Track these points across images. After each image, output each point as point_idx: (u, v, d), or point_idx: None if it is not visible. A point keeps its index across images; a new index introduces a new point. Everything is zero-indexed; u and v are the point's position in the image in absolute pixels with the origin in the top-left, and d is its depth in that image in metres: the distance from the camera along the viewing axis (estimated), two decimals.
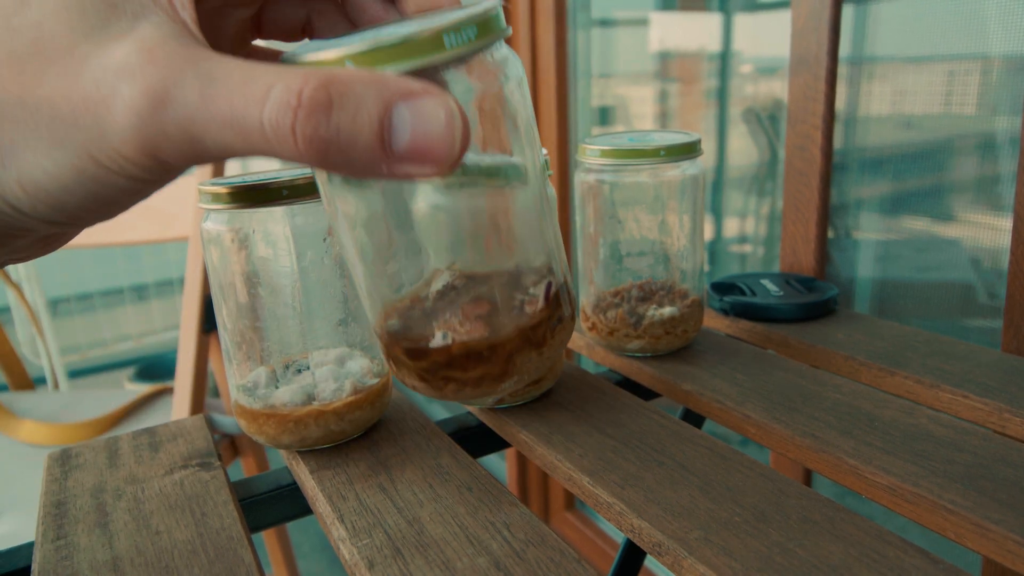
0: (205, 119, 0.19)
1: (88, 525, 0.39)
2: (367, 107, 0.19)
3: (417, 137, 0.19)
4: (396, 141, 0.19)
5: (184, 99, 0.19)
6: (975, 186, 0.73)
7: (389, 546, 0.35)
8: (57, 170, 0.20)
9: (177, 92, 0.19)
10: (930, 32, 0.73)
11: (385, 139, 0.19)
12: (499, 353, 0.28)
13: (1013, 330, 0.59)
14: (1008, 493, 0.37)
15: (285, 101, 0.18)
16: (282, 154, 0.19)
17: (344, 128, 0.19)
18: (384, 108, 0.19)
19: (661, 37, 1.20)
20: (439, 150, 0.19)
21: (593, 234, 0.56)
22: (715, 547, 0.34)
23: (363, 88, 0.19)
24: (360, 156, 0.19)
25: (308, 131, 0.18)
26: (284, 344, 0.43)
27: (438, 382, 0.28)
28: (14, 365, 1.38)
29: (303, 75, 0.19)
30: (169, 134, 0.19)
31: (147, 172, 0.20)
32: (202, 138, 0.19)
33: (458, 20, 0.22)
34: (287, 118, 0.18)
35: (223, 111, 0.19)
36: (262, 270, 0.41)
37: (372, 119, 0.19)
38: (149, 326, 2.07)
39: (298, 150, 0.19)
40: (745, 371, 0.53)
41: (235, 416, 0.45)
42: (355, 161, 0.19)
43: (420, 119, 0.19)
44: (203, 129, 0.19)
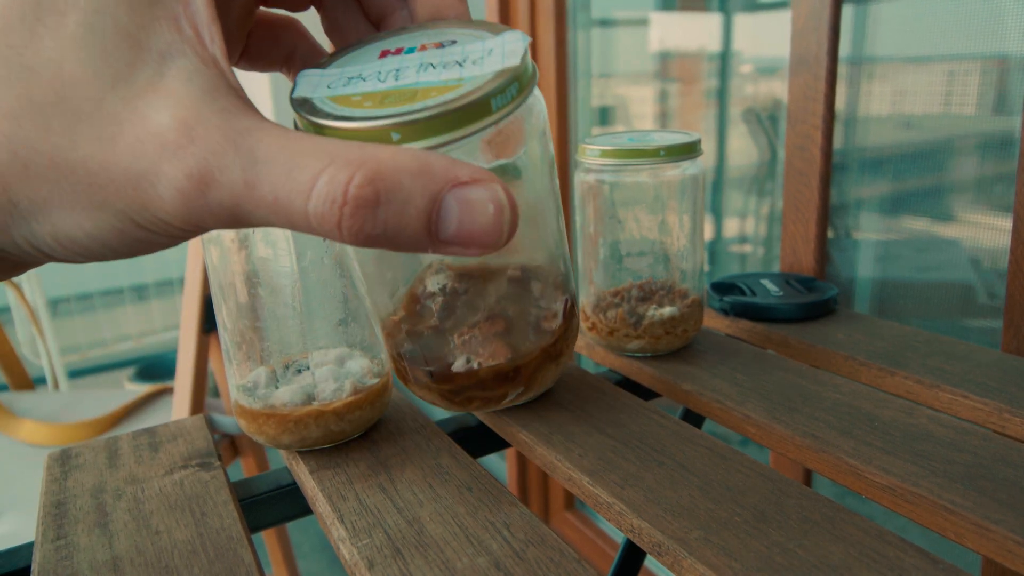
0: (250, 204, 0.19)
1: (88, 525, 0.39)
2: (414, 203, 0.18)
3: (463, 228, 0.19)
4: (443, 231, 0.19)
5: (229, 183, 0.18)
6: (975, 186, 0.73)
7: (389, 546, 0.35)
8: (97, 232, 0.19)
9: (221, 176, 0.18)
10: (930, 32, 0.73)
11: (432, 230, 0.19)
12: (523, 372, 0.28)
13: (1013, 330, 0.59)
14: (1008, 493, 0.37)
15: (331, 197, 0.18)
16: (327, 238, 0.19)
17: (391, 224, 0.18)
18: (432, 202, 0.18)
19: (661, 37, 1.20)
20: (487, 239, 0.19)
21: (593, 234, 0.56)
22: (715, 547, 0.34)
23: (410, 182, 0.18)
24: (405, 244, 0.19)
25: (355, 228, 0.18)
26: (284, 344, 0.43)
27: (462, 400, 0.29)
28: (14, 365, 1.38)
29: (349, 164, 0.18)
30: (214, 212, 0.19)
31: (189, 234, 0.20)
32: (247, 218, 0.19)
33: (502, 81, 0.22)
34: (333, 214, 0.18)
35: (267, 199, 0.18)
36: (262, 270, 0.41)
37: (420, 213, 0.18)
38: (149, 326, 2.07)
39: (342, 240, 0.19)
40: (745, 371, 0.53)
41: (235, 416, 0.45)
42: (401, 246, 0.19)
43: (468, 211, 0.19)
44: (248, 212, 0.19)
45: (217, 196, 0.18)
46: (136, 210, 0.19)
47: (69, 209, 0.19)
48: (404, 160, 0.18)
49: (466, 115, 0.21)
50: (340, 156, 0.18)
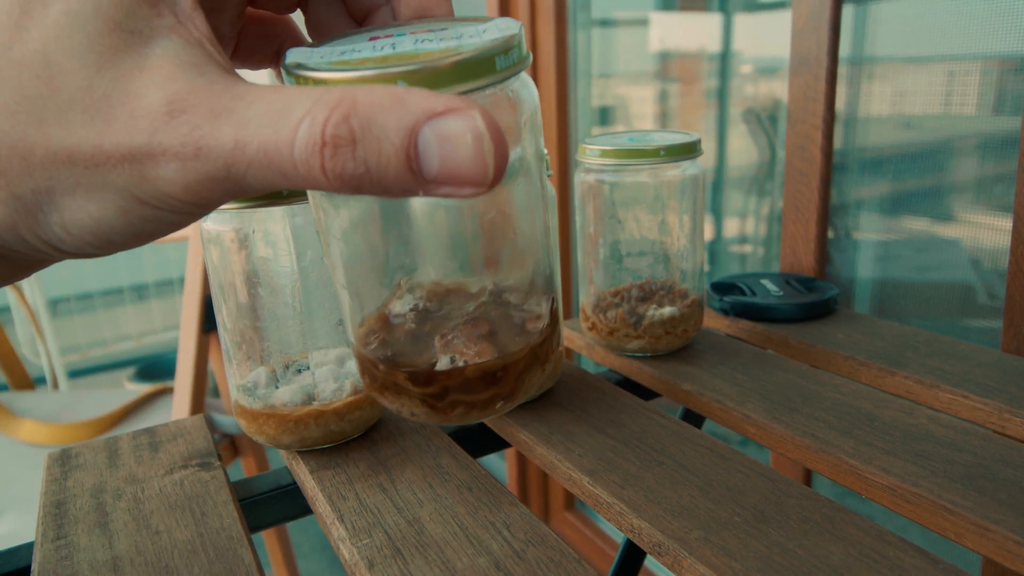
0: (243, 163, 0.18)
1: (88, 525, 0.39)
2: (390, 138, 0.18)
3: (446, 164, 0.18)
4: (426, 168, 0.18)
5: (220, 147, 0.18)
6: (975, 186, 0.73)
7: (389, 546, 0.35)
8: (102, 213, 0.19)
9: (213, 141, 0.18)
10: (930, 32, 0.73)
11: (415, 168, 0.18)
12: (511, 373, 0.27)
13: (1013, 330, 0.59)
14: (1008, 493, 0.37)
15: (312, 140, 0.18)
16: (318, 188, 0.19)
17: (371, 162, 0.18)
18: (408, 135, 0.18)
19: (661, 37, 1.20)
20: (472, 173, 0.18)
21: (593, 234, 0.56)
22: (715, 547, 0.34)
23: (383, 116, 0.18)
24: (394, 185, 0.18)
25: (337, 169, 0.18)
26: (284, 344, 0.43)
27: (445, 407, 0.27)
28: (14, 365, 1.38)
29: (328, 104, 0.18)
30: (212, 178, 0.19)
31: (193, 208, 0.20)
32: (243, 179, 0.19)
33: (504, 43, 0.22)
34: (315, 159, 0.18)
35: (258, 154, 0.18)
36: (262, 270, 0.41)
37: (397, 150, 0.18)
38: (149, 326, 2.07)
39: (332, 187, 0.18)
40: (745, 371, 0.53)
41: (235, 416, 0.45)
42: (391, 190, 0.19)
43: (447, 144, 0.18)
44: (243, 171, 0.19)
45: (212, 161, 0.18)
46: (137, 184, 0.19)
47: (72, 195, 0.19)
48: (378, 94, 0.18)
49: (472, 68, 0.21)
50: (322, 98, 0.18)
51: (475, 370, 0.26)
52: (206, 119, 0.18)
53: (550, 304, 0.28)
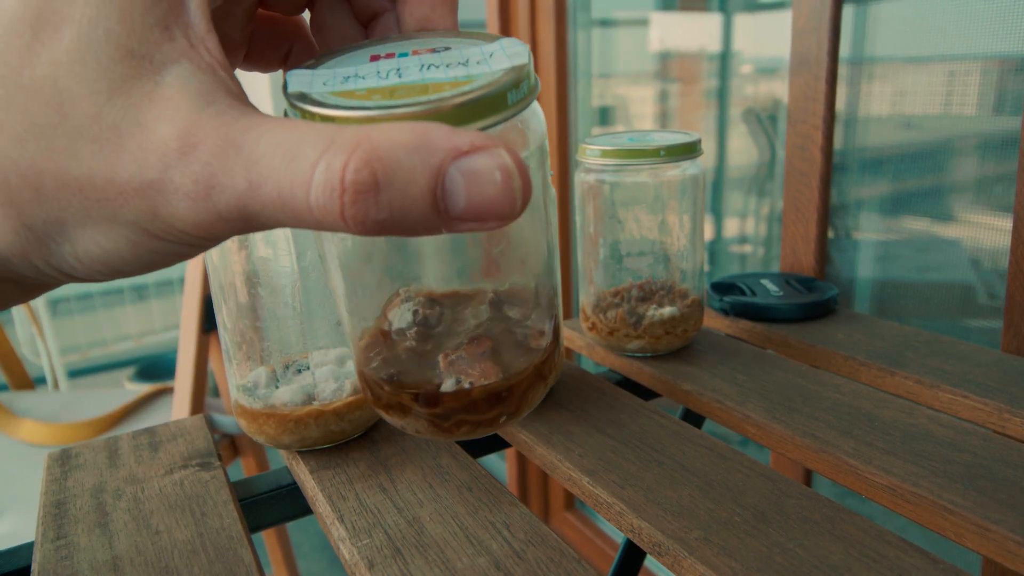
0: (256, 205, 0.18)
1: (88, 525, 0.39)
2: (416, 181, 0.17)
3: (473, 201, 0.18)
4: (452, 206, 0.18)
5: (233, 186, 0.18)
6: (975, 186, 0.73)
7: (389, 546, 0.35)
8: (113, 245, 0.19)
9: (225, 179, 0.18)
10: (930, 32, 0.73)
11: (440, 207, 0.18)
12: (515, 392, 0.27)
13: (1013, 330, 0.59)
14: (1008, 493, 0.37)
15: (330, 186, 0.17)
16: (337, 231, 0.18)
17: (396, 207, 0.17)
18: (435, 178, 0.17)
19: (661, 37, 1.20)
20: (499, 208, 0.18)
21: (593, 234, 0.56)
22: (715, 547, 0.34)
23: (408, 158, 0.17)
24: (417, 225, 0.18)
25: (359, 217, 0.17)
26: (284, 344, 0.43)
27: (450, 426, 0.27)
28: (14, 365, 1.38)
29: (345, 147, 0.17)
30: (223, 217, 0.18)
31: (204, 242, 0.20)
32: (256, 219, 0.19)
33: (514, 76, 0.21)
34: (334, 205, 0.17)
35: (272, 196, 0.18)
36: (262, 270, 0.41)
37: (424, 193, 0.17)
38: (149, 326, 2.07)
39: (351, 231, 0.18)
40: (745, 371, 0.53)
41: (235, 416, 0.45)
42: (412, 230, 0.18)
43: (474, 182, 0.18)
44: (256, 212, 0.18)
45: (224, 200, 0.18)
46: (147, 219, 0.19)
47: (83, 226, 0.19)
48: (400, 135, 0.18)
49: (483, 108, 0.20)
50: (337, 140, 0.18)
51: (481, 392, 0.26)
52: (216, 156, 0.18)
53: (552, 321, 0.28)
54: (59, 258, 0.20)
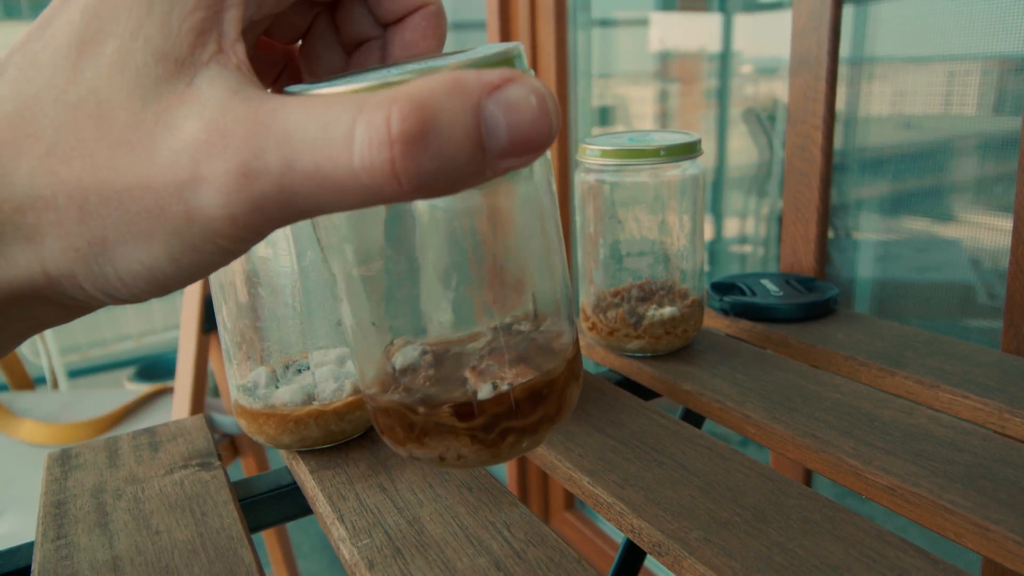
0: (294, 184, 0.17)
1: (88, 525, 0.39)
2: (461, 121, 0.17)
3: (514, 132, 0.17)
4: (495, 143, 0.17)
5: (268, 169, 0.17)
6: (975, 186, 0.73)
7: (389, 546, 0.35)
8: (153, 261, 0.19)
9: (258, 164, 0.17)
10: (930, 32, 0.73)
11: (484, 146, 0.17)
12: (555, 390, 0.26)
13: (1013, 330, 0.59)
14: (1008, 493, 0.37)
15: (376, 140, 0.17)
16: (382, 198, 0.17)
17: (446, 152, 0.17)
18: (477, 115, 0.17)
19: (661, 37, 1.20)
20: (540, 134, 0.18)
21: (593, 234, 0.56)
22: (715, 547, 0.34)
23: (449, 101, 0.17)
24: (465, 171, 0.17)
25: (412, 167, 0.17)
26: (284, 344, 0.43)
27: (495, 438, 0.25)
28: (14, 365, 1.38)
29: (381, 104, 0.17)
30: (260, 207, 0.18)
31: (242, 243, 0.19)
32: (294, 203, 0.18)
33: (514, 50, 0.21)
34: (383, 161, 0.17)
35: (310, 169, 0.17)
36: (262, 270, 0.41)
37: (469, 131, 0.17)
38: (149, 326, 2.07)
39: (402, 190, 0.17)
40: (745, 371, 0.53)
41: (235, 416, 0.45)
42: (462, 180, 0.18)
43: (513, 111, 0.17)
44: (294, 193, 0.18)
45: (260, 186, 0.18)
46: (184, 228, 0.18)
47: (124, 245, 0.19)
48: (435, 83, 0.17)
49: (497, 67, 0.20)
50: (369, 101, 0.17)
51: (522, 390, 0.25)
52: (246, 141, 0.18)
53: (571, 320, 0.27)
54: (103, 280, 0.19)
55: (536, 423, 0.26)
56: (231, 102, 0.18)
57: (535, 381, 0.25)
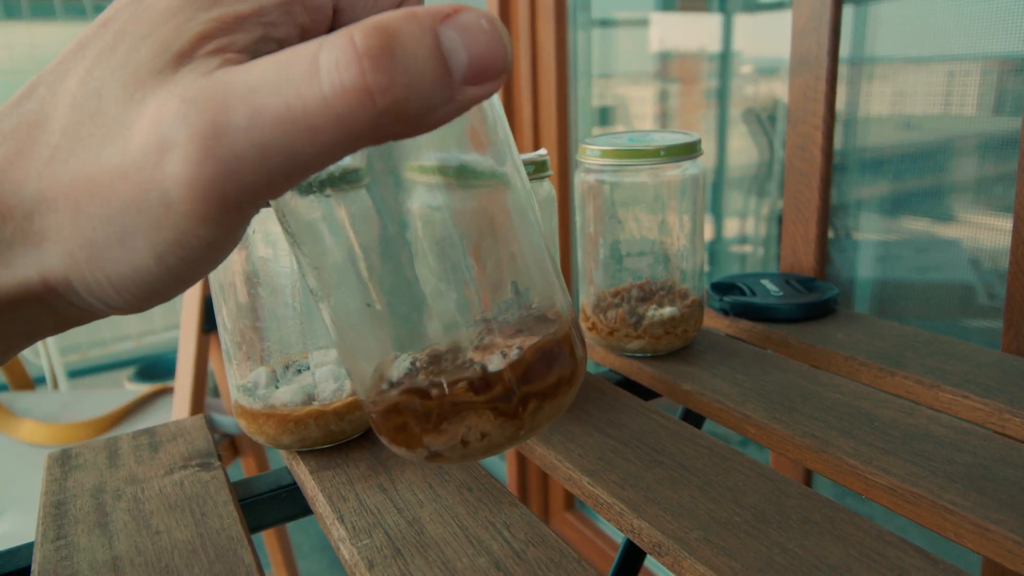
0: (264, 133, 0.17)
1: (88, 525, 0.39)
2: (422, 42, 0.17)
3: (473, 53, 0.18)
4: (456, 65, 0.18)
5: (235, 123, 0.17)
6: (975, 186, 0.73)
7: (389, 546, 0.35)
8: (141, 262, 0.18)
9: (224, 120, 0.17)
10: (930, 32, 0.73)
11: (448, 67, 0.17)
12: (564, 348, 0.26)
13: (1013, 330, 0.59)
14: (1008, 493, 0.37)
15: (343, 60, 0.16)
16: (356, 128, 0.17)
17: (411, 69, 0.17)
18: (434, 36, 0.17)
19: (661, 37, 1.20)
20: (497, 57, 0.18)
21: (593, 234, 0.56)
22: (715, 547, 0.34)
23: (407, 25, 0.17)
24: (434, 94, 0.17)
25: (384, 82, 0.16)
26: (284, 344, 0.43)
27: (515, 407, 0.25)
28: (14, 365, 1.39)
29: (341, 33, 0.17)
30: (232, 170, 0.17)
31: (223, 228, 0.18)
32: (268, 158, 0.17)
33: None
34: (353, 75, 0.16)
35: (279, 111, 0.17)
36: (262, 270, 0.41)
37: (432, 51, 0.17)
38: (149, 326, 2.07)
39: (376, 110, 0.17)
40: (745, 371, 0.53)
41: (235, 416, 0.45)
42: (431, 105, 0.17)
43: (469, 35, 0.18)
44: (265, 146, 0.17)
45: (229, 145, 0.17)
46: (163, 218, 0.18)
47: (110, 246, 0.18)
48: (390, 14, 0.17)
49: None
50: (328, 36, 0.17)
51: (534, 351, 0.25)
52: (209, 101, 0.17)
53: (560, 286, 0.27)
54: (97, 287, 0.19)
55: (554, 385, 0.25)
56: (201, 79, 0.18)
57: (544, 341, 0.25)
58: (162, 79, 0.18)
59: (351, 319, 0.26)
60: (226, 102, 0.17)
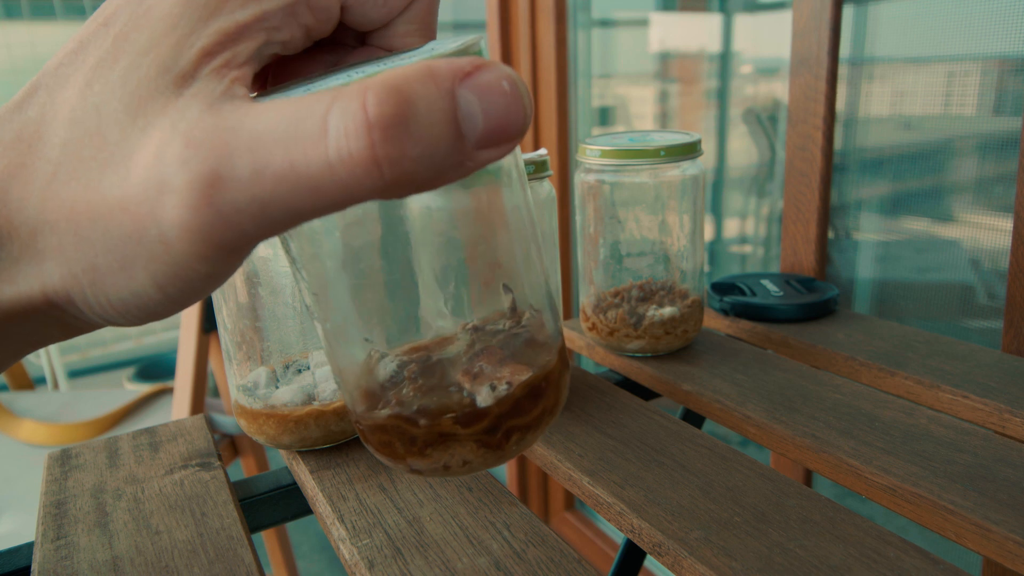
0: (266, 191, 0.16)
1: (88, 525, 0.39)
2: (437, 106, 0.16)
3: (490, 116, 0.17)
4: (471, 130, 0.17)
5: (237, 175, 0.16)
6: (975, 187, 0.73)
7: (389, 546, 0.35)
8: (142, 289, 0.18)
9: (226, 170, 0.16)
10: (930, 32, 0.73)
11: (462, 132, 0.17)
12: (551, 382, 0.26)
13: (1013, 330, 0.59)
14: (1008, 493, 0.37)
15: (353, 128, 0.16)
16: (359, 193, 0.16)
17: (425, 139, 0.16)
18: (451, 99, 0.16)
19: (661, 37, 1.20)
20: (516, 119, 0.17)
21: (593, 234, 0.56)
22: (715, 547, 0.34)
23: (423, 87, 0.16)
24: (446, 161, 0.17)
25: (393, 153, 0.16)
26: (284, 344, 0.43)
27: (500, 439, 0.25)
28: (14, 365, 1.38)
29: (354, 93, 0.16)
30: (230, 220, 0.17)
31: (219, 264, 0.18)
32: (267, 212, 0.17)
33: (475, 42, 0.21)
34: (362, 147, 0.16)
35: (283, 171, 0.16)
36: (262, 270, 0.41)
37: (446, 116, 0.16)
38: (149, 326, 2.07)
39: (383, 181, 0.16)
40: (745, 371, 0.53)
41: (235, 416, 0.45)
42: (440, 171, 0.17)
43: (486, 96, 0.17)
44: (266, 202, 0.16)
45: (229, 197, 0.16)
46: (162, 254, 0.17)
47: (114, 274, 0.18)
48: (407, 71, 0.16)
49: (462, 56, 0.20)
50: (342, 91, 0.16)
51: (523, 388, 0.25)
52: (213, 149, 0.17)
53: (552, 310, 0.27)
54: (99, 306, 0.19)
55: (538, 417, 0.26)
56: (205, 114, 0.17)
57: (533, 378, 0.25)
58: (164, 103, 0.18)
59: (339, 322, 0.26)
60: (229, 151, 0.17)
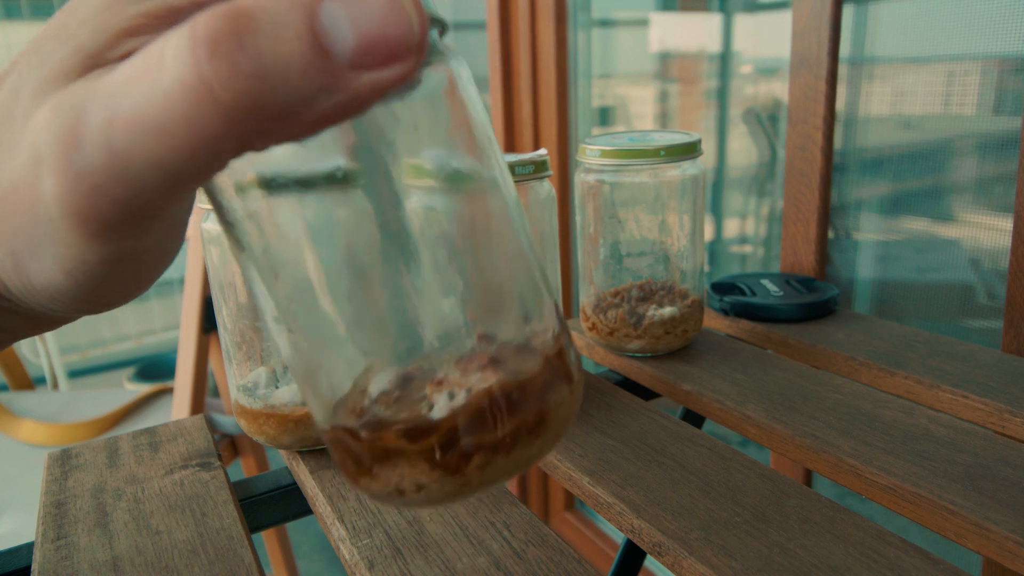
0: (117, 140, 0.14)
1: (88, 525, 0.39)
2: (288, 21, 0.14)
3: (363, 29, 0.14)
4: (339, 43, 0.14)
5: (91, 129, 0.15)
6: (975, 186, 0.73)
7: (389, 546, 0.35)
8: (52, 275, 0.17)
9: (81, 126, 0.15)
10: (930, 32, 0.73)
11: (325, 47, 0.14)
12: (529, 393, 0.21)
13: (1013, 330, 0.59)
14: (1008, 493, 0.37)
15: (180, 50, 0.14)
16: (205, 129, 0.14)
17: (267, 53, 0.14)
18: (309, 13, 0.14)
19: (661, 37, 1.20)
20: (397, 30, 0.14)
21: (593, 234, 0.56)
22: (715, 547, 0.34)
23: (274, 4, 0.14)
24: (303, 82, 0.14)
25: (224, 71, 0.14)
26: None
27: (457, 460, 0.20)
28: (14, 365, 1.39)
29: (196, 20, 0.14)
30: (95, 184, 0.15)
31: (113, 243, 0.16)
32: (129, 169, 0.15)
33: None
34: (188, 68, 0.14)
35: (130, 113, 0.14)
36: None
37: (300, 30, 0.14)
38: (149, 326, 2.07)
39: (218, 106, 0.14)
40: (745, 371, 0.53)
41: (235, 416, 0.45)
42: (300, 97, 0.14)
43: (357, 7, 0.14)
44: (122, 155, 0.15)
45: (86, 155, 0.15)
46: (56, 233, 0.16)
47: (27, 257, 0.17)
48: None
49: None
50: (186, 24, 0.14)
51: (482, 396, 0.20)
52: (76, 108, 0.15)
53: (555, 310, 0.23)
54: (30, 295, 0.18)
55: (509, 437, 0.21)
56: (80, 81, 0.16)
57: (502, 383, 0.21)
58: (63, 83, 0.16)
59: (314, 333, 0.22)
60: (85, 106, 0.15)
